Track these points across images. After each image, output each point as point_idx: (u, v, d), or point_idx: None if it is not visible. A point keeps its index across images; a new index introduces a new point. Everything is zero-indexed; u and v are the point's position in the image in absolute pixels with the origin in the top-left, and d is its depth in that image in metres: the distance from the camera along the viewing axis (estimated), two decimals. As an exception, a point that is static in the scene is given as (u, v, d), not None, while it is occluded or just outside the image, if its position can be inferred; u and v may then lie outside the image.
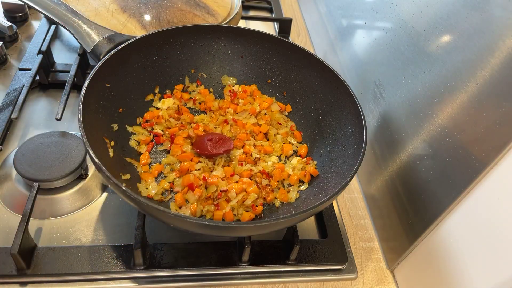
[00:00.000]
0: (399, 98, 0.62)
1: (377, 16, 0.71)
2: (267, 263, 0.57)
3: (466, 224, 0.48)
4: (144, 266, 0.54)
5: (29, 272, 0.52)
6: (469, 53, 0.49)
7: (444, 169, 0.51)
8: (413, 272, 0.58)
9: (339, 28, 0.88)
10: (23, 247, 0.51)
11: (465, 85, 0.49)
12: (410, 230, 0.57)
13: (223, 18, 0.85)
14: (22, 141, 0.68)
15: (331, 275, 0.59)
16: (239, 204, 0.58)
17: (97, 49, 0.68)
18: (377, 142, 0.68)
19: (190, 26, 0.69)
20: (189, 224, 0.44)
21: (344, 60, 0.83)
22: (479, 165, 0.46)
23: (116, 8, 0.79)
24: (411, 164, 0.58)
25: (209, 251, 0.57)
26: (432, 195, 0.53)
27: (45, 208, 0.59)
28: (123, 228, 0.59)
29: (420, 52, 0.58)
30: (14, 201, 0.60)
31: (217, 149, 0.63)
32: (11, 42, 0.88)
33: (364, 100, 0.72)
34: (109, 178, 0.45)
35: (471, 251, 0.48)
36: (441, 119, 0.53)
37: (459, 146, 0.49)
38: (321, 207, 0.47)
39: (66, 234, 0.58)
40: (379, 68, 0.68)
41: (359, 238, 0.66)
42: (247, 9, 1.13)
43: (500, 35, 0.45)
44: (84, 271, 0.53)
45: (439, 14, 0.55)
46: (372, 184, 0.70)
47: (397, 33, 0.64)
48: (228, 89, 0.74)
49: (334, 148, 0.62)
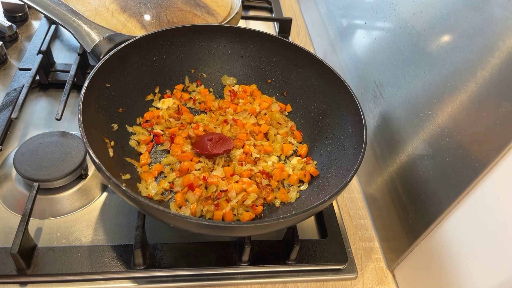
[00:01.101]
0: (399, 98, 0.62)
1: (377, 16, 0.71)
2: (267, 263, 0.57)
3: (466, 224, 0.48)
4: (144, 266, 0.54)
5: (29, 272, 0.52)
6: (469, 53, 0.49)
7: (444, 169, 0.51)
8: (413, 272, 0.58)
9: (339, 28, 0.88)
10: (23, 247, 0.50)
11: (465, 85, 0.49)
12: (410, 230, 0.57)
13: (223, 18, 0.85)
14: (22, 141, 0.68)
15: (331, 275, 0.59)
16: (239, 204, 0.58)
17: (97, 49, 0.68)
18: (377, 142, 0.68)
19: (190, 26, 0.69)
20: (189, 224, 0.44)
21: (344, 60, 0.83)
22: (479, 165, 0.45)
23: (116, 8, 0.79)
24: (411, 164, 0.58)
25: (209, 251, 0.57)
26: (432, 195, 0.53)
27: (45, 208, 0.59)
28: (123, 228, 0.59)
29: (420, 52, 0.58)
30: (14, 201, 0.60)
31: (217, 149, 0.63)
32: (11, 42, 0.88)
33: (364, 100, 0.72)
34: (109, 178, 0.45)
35: (471, 251, 0.48)
36: (441, 119, 0.53)
37: (459, 146, 0.49)
38: (321, 207, 0.47)
39: (66, 234, 0.58)
40: (379, 68, 0.68)
41: (359, 238, 0.66)
42: (247, 9, 1.13)
43: (500, 35, 0.45)
44: (84, 271, 0.53)
45: (439, 14, 0.55)
46: (372, 184, 0.70)
47: (397, 33, 0.64)
48: (228, 89, 0.74)
49: (334, 148, 0.62)
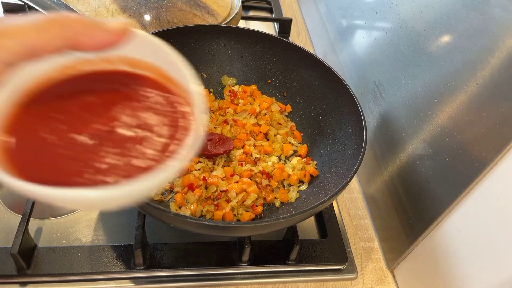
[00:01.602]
0: (399, 98, 0.62)
1: (377, 16, 0.71)
2: (267, 263, 0.57)
3: (466, 224, 0.48)
4: (144, 266, 0.54)
5: (29, 272, 0.52)
6: (469, 53, 0.49)
7: (444, 169, 0.51)
8: (413, 272, 0.58)
9: (339, 28, 0.88)
10: (23, 247, 0.50)
11: (465, 85, 0.49)
12: (410, 230, 0.57)
13: (223, 18, 0.85)
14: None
15: (331, 275, 0.59)
16: (239, 204, 0.58)
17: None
18: (377, 142, 0.68)
19: (190, 26, 0.69)
20: (189, 224, 0.44)
21: (344, 60, 0.83)
22: (478, 165, 0.45)
23: (116, 8, 0.79)
24: (411, 164, 0.58)
25: (209, 251, 0.57)
26: (432, 195, 0.53)
27: (45, 208, 0.59)
28: (123, 228, 0.59)
29: (420, 52, 0.58)
30: (14, 201, 0.60)
31: (217, 149, 0.63)
32: (11, 42, 0.88)
33: (364, 100, 0.72)
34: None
35: (471, 251, 0.48)
36: (441, 119, 0.53)
37: (459, 146, 0.49)
38: (321, 207, 0.47)
39: (66, 234, 0.58)
40: (379, 68, 0.68)
41: (359, 238, 0.66)
42: (247, 9, 1.13)
43: (500, 35, 0.45)
44: (84, 271, 0.53)
45: (439, 14, 0.55)
46: (372, 184, 0.70)
47: (397, 33, 0.64)
48: (228, 89, 0.74)
49: (334, 148, 0.62)
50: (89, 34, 0.28)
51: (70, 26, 0.27)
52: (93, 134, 0.29)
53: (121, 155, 0.28)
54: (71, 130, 0.29)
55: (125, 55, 0.33)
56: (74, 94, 0.32)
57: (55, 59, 0.31)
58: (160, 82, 0.33)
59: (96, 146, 0.29)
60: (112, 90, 0.33)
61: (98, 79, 0.33)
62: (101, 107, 0.31)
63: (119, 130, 0.30)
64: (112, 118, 0.30)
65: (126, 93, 0.32)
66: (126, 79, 0.33)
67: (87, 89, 0.32)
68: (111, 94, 0.32)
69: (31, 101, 0.30)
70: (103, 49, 0.29)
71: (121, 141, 0.29)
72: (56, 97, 0.31)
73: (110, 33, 0.28)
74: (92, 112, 0.31)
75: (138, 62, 0.33)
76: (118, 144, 0.29)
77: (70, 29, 0.27)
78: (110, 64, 0.33)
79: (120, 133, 0.30)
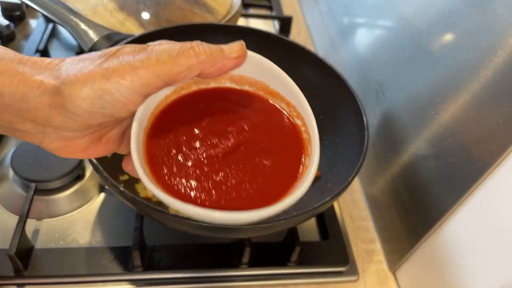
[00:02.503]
0: (401, 97, 0.61)
1: (378, 15, 0.71)
2: (267, 265, 0.57)
3: (469, 225, 0.48)
4: (142, 268, 0.54)
5: (27, 274, 0.51)
6: (471, 52, 0.48)
7: (446, 169, 0.51)
8: (415, 274, 0.57)
9: (340, 26, 0.87)
10: (20, 248, 0.50)
11: (467, 84, 0.48)
12: (412, 232, 0.57)
13: (223, 16, 0.84)
14: (19, 141, 0.68)
15: (332, 277, 0.59)
16: (238, 205, 0.57)
17: (95, 47, 0.67)
18: (379, 142, 0.67)
19: (189, 25, 0.68)
20: (188, 225, 0.44)
21: (345, 59, 0.82)
22: (482, 165, 0.45)
23: (114, 7, 0.78)
24: (413, 164, 0.58)
25: (208, 253, 0.56)
26: (434, 196, 0.53)
27: (43, 209, 0.59)
28: (121, 229, 0.59)
29: (422, 51, 0.57)
30: (11, 201, 0.59)
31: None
32: (9, 41, 0.87)
33: (365, 99, 0.72)
34: (107, 179, 0.45)
35: (474, 252, 0.47)
36: (444, 119, 0.52)
37: (461, 146, 0.49)
38: (322, 208, 0.46)
39: (64, 235, 0.57)
40: (381, 67, 0.68)
41: (360, 239, 0.65)
42: (247, 7, 1.12)
43: (503, 34, 0.44)
44: (82, 273, 0.52)
45: (441, 13, 0.54)
46: (374, 185, 0.69)
47: (399, 31, 0.63)
48: (228, 89, 0.73)
49: (335, 148, 0.62)
50: (215, 64, 0.29)
51: (201, 61, 0.28)
52: (223, 155, 0.31)
53: (251, 181, 0.31)
54: (203, 152, 0.31)
55: (232, 73, 0.34)
56: (197, 116, 0.33)
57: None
58: (267, 99, 0.36)
59: (228, 169, 0.31)
60: (229, 109, 0.34)
61: (211, 98, 0.34)
62: (224, 128, 0.32)
63: (248, 153, 0.31)
64: (240, 141, 0.32)
65: (242, 113, 0.33)
66: (236, 97, 0.34)
67: (206, 109, 0.34)
68: (230, 114, 0.34)
69: (158, 125, 0.32)
70: (224, 74, 0.30)
71: (252, 166, 0.31)
72: (181, 119, 0.33)
73: (231, 59, 0.30)
74: (217, 134, 0.32)
75: (242, 78, 0.35)
76: (250, 169, 0.31)
77: (201, 64, 0.29)
78: (217, 82, 0.35)
79: (249, 155, 0.31)
